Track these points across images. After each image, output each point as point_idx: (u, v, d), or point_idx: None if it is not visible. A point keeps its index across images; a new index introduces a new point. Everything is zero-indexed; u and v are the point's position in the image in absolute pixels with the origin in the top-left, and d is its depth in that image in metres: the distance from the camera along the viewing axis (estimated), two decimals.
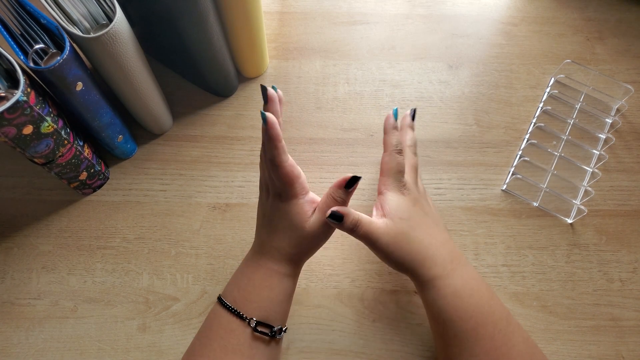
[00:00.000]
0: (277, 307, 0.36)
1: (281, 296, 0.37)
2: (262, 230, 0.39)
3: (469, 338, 0.34)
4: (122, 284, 0.46)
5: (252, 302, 0.36)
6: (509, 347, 0.33)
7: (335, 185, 0.36)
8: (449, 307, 0.35)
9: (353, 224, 0.35)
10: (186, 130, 0.55)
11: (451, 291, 0.35)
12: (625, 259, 0.48)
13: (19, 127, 0.37)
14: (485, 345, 0.33)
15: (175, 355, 0.43)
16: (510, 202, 0.51)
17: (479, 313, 0.34)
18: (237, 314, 0.35)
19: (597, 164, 0.52)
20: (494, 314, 0.35)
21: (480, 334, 0.34)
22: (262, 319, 0.35)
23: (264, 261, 0.37)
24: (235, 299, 0.36)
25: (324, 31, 0.63)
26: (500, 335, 0.34)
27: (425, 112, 0.56)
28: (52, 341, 0.44)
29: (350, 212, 0.36)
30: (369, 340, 0.44)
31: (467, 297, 0.35)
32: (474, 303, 0.35)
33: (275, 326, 0.36)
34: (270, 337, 0.36)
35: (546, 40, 0.62)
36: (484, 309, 0.35)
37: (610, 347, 0.43)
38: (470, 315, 0.34)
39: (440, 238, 0.37)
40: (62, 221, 0.49)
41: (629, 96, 0.56)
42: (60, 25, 0.39)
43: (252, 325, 0.35)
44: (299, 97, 0.57)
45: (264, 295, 0.36)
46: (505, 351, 0.33)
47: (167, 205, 0.50)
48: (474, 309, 0.34)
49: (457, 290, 0.35)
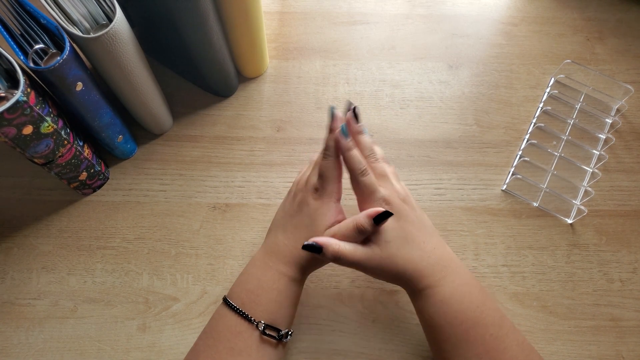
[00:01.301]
0: (284, 311, 0.36)
1: (289, 300, 0.37)
2: (279, 230, 0.39)
3: (460, 342, 0.34)
4: (122, 284, 0.46)
5: (260, 304, 0.36)
6: (500, 351, 0.33)
7: (364, 214, 0.35)
8: (439, 313, 0.35)
9: (334, 256, 0.35)
10: (186, 130, 0.55)
11: (440, 299, 0.35)
12: (625, 259, 0.48)
13: (19, 127, 0.37)
14: (476, 349, 0.33)
15: (175, 355, 0.43)
16: (510, 202, 0.51)
17: (469, 318, 0.34)
18: (244, 316, 0.35)
19: (597, 164, 0.52)
20: (485, 318, 0.35)
21: (472, 338, 0.34)
22: (270, 322, 0.35)
23: (274, 262, 0.37)
24: (243, 301, 0.36)
25: (324, 31, 0.63)
26: (491, 339, 0.34)
27: (425, 112, 0.56)
28: (52, 341, 0.44)
29: (329, 243, 0.35)
30: (369, 340, 0.44)
31: (457, 303, 0.35)
32: (464, 309, 0.35)
33: (282, 330, 0.36)
34: (277, 340, 0.35)
35: (546, 40, 0.62)
36: (475, 313, 0.34)
37: (610, 347, 0.43)
38: (460, 321, 0.34)
39: (429, 246, 0.37)
40: (62, 221, 0.49)
41: (629, 96, 0.56)
42: (60, 25, 0.39)
43: (260, 329, 0.35)
44: (299, 97, 0.57)
45: (272, 298, 0.36)
46: (497, 355, 0.33)
47: (167, 205, 0.50)
48: (464, 315, 0.34)
49: (446, 297, 0.35)
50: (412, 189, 0.51)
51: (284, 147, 0.54)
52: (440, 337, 0.35)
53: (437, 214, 0.50)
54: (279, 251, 0.37)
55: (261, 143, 0.54)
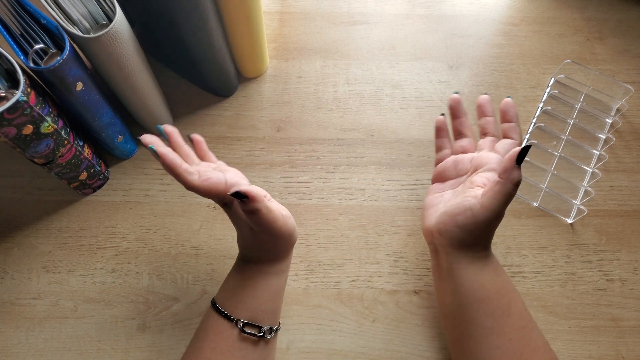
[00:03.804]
0: (264, 307, 0.36)
1: (267, 294, 0.37)
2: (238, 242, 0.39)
3: (503, 315, 0.35)
4: (122, 284, 0.46)
5: (239, 302, 0.36)
6: (531, 328, 0.35)
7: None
8: (491, 282, 0.36)
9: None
10: (186, 130, 0.55)
11: (495, 267, 0.37)
12: (625, 259, 0.48)
13: (19, 127, 0.37)
14: (515, 323, 0.35)
15: (175, 355, 0.43)
16: (511, 202, 0.51)
17: (512, 289, 0.36)
18: (225, 315, 0.35)
19: (597, 164, 0.52)
20: (516, 291, 0.37)
21: (513, 310, 0.35)
22: (250, 319, 0.35)
23: (245, 262, 0.38)
24: (224, 301, 0.36)
25: (324, 31, 0.63)
26: (526, 313, 0.35)
27: (425, 112, 0.56)
28: (52, 341, 0.44)
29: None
30: (369, 340, 0.44)
31: (504, 273, 0.37)
32: (508, 280, 0.37)
33: (264, 326, 0.36)
34: (258, 337, 0.35)
35: (546, 40, 0.62)
36: (512, 285, 0.37)
37: (610, 347, 0.43)
38: (506, 291, 0.36)
39: None
40: (62, 221, 0.49)
41: (629, 96, 0.56)
42: (60, 25, 0.39)
43: (239, 327, 0.35)
44: (299, 97, 0.57)
45: (250, 294, 0.36)
46: (529, 330, 0.35)
47: (167, 205, 0.50)
48: (509, 285, 0.36)
49: (499, 265, 0.37)
50: (412, 189, 0.51)
51: (284, 147, 0.54)
52: (484, 311, 0.35)
53: None
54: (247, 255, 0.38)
55: (261, 143, 0.54)
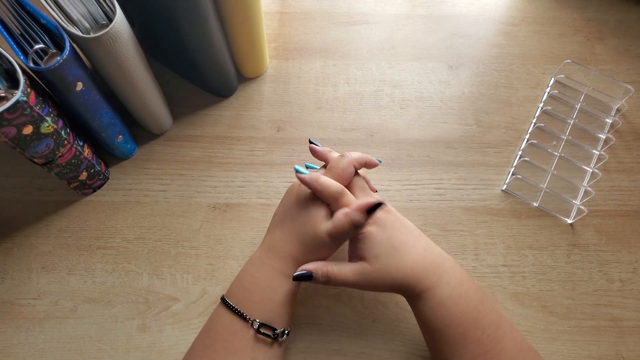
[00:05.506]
0: (280, 309, 0.36)
1: (284, 298, 0.37)
2: (277, 227, 0.39)
3: (457, 344, 0.34)
4: (122, 284, 0.46)
5: (255, 302, 0.36)
6: (498, 351, 0.33)
7: (356, 207, 0.35)
8: (437, 316, 0.35)
9: (324, 278, 0.36)
10: (186, 130, 0.55)
11: (437, 301, 0.35)
12: (625, 259, 0.48)
13: (19, 127, 0.37)
14: (474, 351, 0.34)
15: (175, 355, 0.43)
16: (510, 202, 0.51)
17: (466, 320, 0.34)
18: (240, 314, 0.35)
19: (597, 164, 0.52)
20: (482, 319, 0.34)
21: (469, 341, 0.34)
22: (265, 320, 0.35)
23: (270, 259, 0.37)
24: (239, 299, 0.36)
25: (324, 31, 0.63)
26: (489, 340, 0.34)
27: (425, 112, 0.56)
28: (52, 341, 0.44)
29: (317, 268, 0.36)
30: (369, 340, 0.44)
31: (454, 305, 0.35)
32: (462, 310, 0.35)
33: (278, 328, 0.36)
34: (272, 339, 0.35)
35: (546, 40, 0.62)
36: (472, 315, 0.34)
37: (610, 347, 0.43)
38: (458, 323, 0.34)
39: (419, 249, 0.36)
40: (62, 221, 0.49)
41: (629, 96, 0.56)
42: (60, 25, 0.39)
43: (255, 327, 0.35)
44: (299, 97, 0.57)
45: (267, 296, 0.36)
46: (495, 355, 0.33)
47: (167, 205, 0.50)
48: (461, 316, 0.34)
49: (443, 299, 0.35)
50: (412, 189, 0.51)
51: (284, 147, 0.54)
52: (438, 340, 0.35)
53: (437, 214, 0.50)
54: (276, 247, 0.37)
55: (261, 143, 0.54)
